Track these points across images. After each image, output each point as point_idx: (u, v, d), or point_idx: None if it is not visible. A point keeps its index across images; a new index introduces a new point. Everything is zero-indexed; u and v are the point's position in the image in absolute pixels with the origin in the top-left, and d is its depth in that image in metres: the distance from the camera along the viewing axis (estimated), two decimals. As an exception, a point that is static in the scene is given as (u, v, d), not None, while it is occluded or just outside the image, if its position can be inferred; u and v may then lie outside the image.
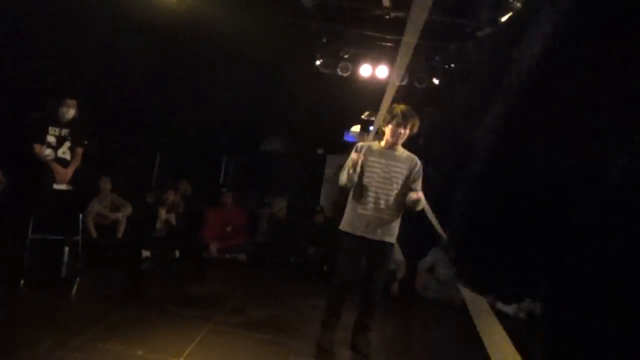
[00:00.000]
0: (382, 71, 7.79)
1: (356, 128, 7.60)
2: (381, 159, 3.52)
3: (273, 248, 6.23)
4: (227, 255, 5.90)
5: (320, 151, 7.63)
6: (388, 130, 3.52)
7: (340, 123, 7.85)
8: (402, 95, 7.69)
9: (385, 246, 3.51)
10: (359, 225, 3.47)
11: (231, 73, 6.62)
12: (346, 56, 7.48)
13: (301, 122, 7.88)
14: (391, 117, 3.50)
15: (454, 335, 4.66)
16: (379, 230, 3.45)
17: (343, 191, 3.75)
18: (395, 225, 3.53)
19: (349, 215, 3.57)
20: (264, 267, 5.96)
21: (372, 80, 7.86)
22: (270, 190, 6.94)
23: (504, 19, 5.05)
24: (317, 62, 7.66)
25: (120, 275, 4.85)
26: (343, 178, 3.50)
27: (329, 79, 7.70)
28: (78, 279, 4.43)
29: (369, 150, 3.57)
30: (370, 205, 3.47)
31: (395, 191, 3.47)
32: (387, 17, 6.91)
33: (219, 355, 3.11)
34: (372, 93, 7.82)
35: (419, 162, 3.56)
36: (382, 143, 3.59)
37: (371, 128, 7.38)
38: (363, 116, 7.62)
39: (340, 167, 4.03)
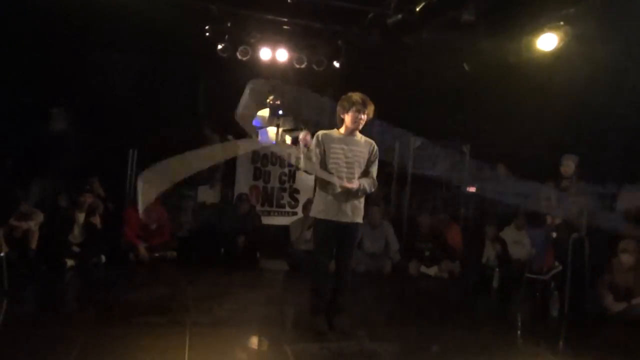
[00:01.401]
0: (281, 54, 7.84)
1: (264, 112, 7.57)
2: (343, 145, 3.70)
3: (200, 241, 6.05)
4: (156, 254, 5.61)
5: (230, 137, 7.47)
6: (348, 117, 3.69)
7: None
8: (300, 78, 7.92)
9: (357, 227, 3.73)
10: (331, 210, 3.62)
11: (131, 60, 6.16)
12: (253, 40, 7.37)
13: (207, 108, 7.64)
14: (350, 105, 3.68)
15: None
16: (349, 213, 3.64)
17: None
18: (362, 206, 3.75)
19: (319, 202, 3.70)
20: (195, 262, 5.78)
21: (273, 64, 7.89)
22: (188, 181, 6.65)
23: (418, 8, 5.45)
24: (218, 47, 7.45)
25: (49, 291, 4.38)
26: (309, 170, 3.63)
27: (232, 64, 7.54)
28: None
29: (330, 138, 3.72)
30: (339, 189, 3.63)
31: (359, 174, 3.68)
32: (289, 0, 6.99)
33: (220, 356, 3.07)
34: (274, 77, 7.90)
35: (376, 146, 3.81)
36: (342, 130, 3.76)
37: (280, 112, 7.42)
38: (268, 100, 7.61)
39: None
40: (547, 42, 6.20)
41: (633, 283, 4.94)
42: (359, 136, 3.76)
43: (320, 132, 3.78)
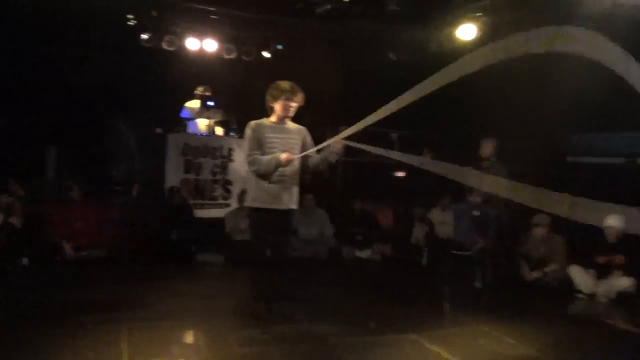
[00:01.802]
0: (210, 45, 7.70)
1: (193, 104, 7.42)
2: (277, 134, 3.74)
3: (131, 237, 5.86)
4: (83, 253, 5.37)
5: (159, 130, 7.26)
6: (278, 105, 3.74)
7: (174, 100, 7.55)
8: (228, 69, 7.84)
9: (292, 213, 3.81)
10: (267, 198, 3.66)
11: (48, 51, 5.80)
12: (179, 30, 7.18)
13: (131, 100, 7.35)
14: (279, 93, 3.73)
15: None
16: (285, 199, 3.70)
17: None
18: (297, 192, 3.82)
19: (255, 191, 3.71)
20: (126, 259, 5.58)
21: (201, 55, 7.75)
22: (118, 176, 6.42)
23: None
24: (142, 37, 7.20)
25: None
26: (261, 169, 3.61)
27: (158, 54, 7.32)
28: None
29: (263, 127, 3.75)
30: (275, 177, 3.67)
31: (295, 161, 3.75)
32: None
33: (161, 348, 3.04)
34: (202, 67, 7.75)
35: (307, 132, 3.89)
36: (273, 119, 3.80)
37: (210, 103, 7.31)
38: (197, 91, 7.47)
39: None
40: (467, 32, 6.57)
41: (545, 253, 5.43)
42: (290, 124, 3.82)
43: (253, 122, 3.79)
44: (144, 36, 7.16)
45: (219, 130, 7.67)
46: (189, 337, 3.33)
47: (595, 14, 5.03)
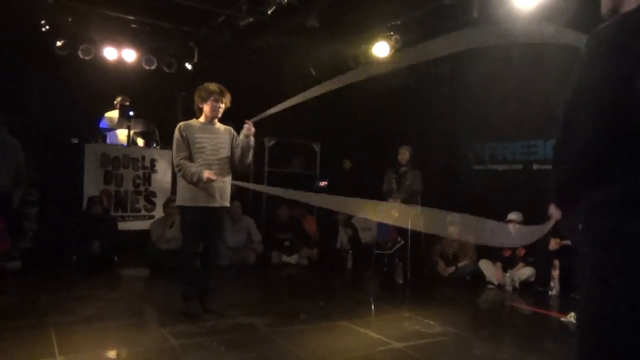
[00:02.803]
0: (129, 55, 7.59)
1: (112, 114, 7.22)
2: (205, 134, 3.83)
3: (48, 249, 5.56)
4: (-6, 267, 5.01)
5: (75, 140, 6.95)
6: (207, 107, 3.84)
7: (92, 109, 7.30)
8: (149, 79, 7.75)
9: (224, 210, 3.88)
10: (199, 196, 3.71)
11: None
12: (97, 38, 7.01)
13: (42, 109, 7.02)
14: (208, 94, 3.84)
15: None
16: (217, 197, 3.78)
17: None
18: (229, 190, 3.91)
19: (186, 190, 3.74)
20: (43, 272, 5.27)
21: (119, 65, 7.60)
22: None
23: (270, 11, 5.78)
24: (57, 44, 6.94)
25: None
26: (187, 177, 3.68)
27: (73, 62, 7.08)
28: None
29: (192, 128, 3.82)
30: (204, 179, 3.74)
31: (225, 159, 3.85)
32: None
33: (93, 347, 2.97)
34: (122, 77, 7.58)
35: (235, 133, 4.01)
36: (202, 119, 3.89)
37: (131, 113, 7.16)
38: (115, 102, 7.29)
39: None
40: (381, 49, 7.06)
41: (458, 250, 5.91)
42: (218, 124, 3.92)
43: (182, 123, 3.86)
44: (59, 43, 6.93)
45: (140, 142, 7.53)
46: (122, 334, 3.27)
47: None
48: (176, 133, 3.79)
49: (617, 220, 1.23)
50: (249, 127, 3.83)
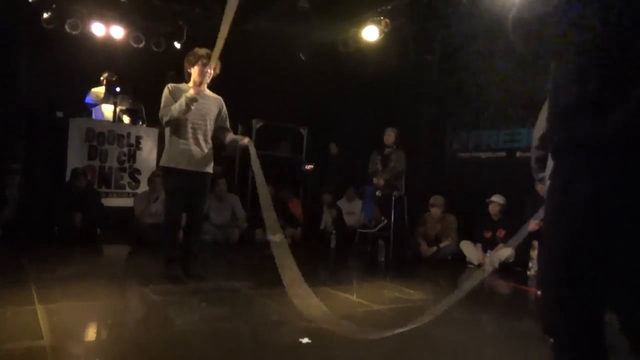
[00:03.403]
0: (117, 31, 7.55)
1: (99, 89, 7.17)
2: None
3: (29, 220, 5.50)
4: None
5: (59, 114, 6.88)
6: (195, 71, 3.83)
7: (78, 84, 7.24)
8: (137, 57, 7.70)
9: (207, 176, 3.87)
10: (182, 159, 3.71)
11: None
12: (84, 11, 6.95)
13: (28, 81, 6.93)
14: (196, 59, 3.84)
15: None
16: (200, 163, 3.78)
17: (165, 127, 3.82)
18: (212, 157, 3.91)
19: (171, 151, 3.74)
20: (24, 242, 5.22)
21: (107, 41, 7.55)
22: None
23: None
24: (43, 16, 6.87)
25: None
26: (174, 113, 3.62)
27: (60, 36, 7.02)
28: None
29: (180, 90, 3.81)
30: (191, 140, 3.75)
31: (210, 126, 3.86)
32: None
33: (74, 304, 2.97)
34: (109, 54, 7.53)
35: (223, 103, 4.01)
36: (190, 84, 3.89)
37: (117, 89, 7.11)
38: (102, 77, 7.24)
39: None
40: (370, 33, 7.11)
41: (440, 231, 5.98)
42: (207, 91, 3.91)
43: (170, 85, 3.85)
44: (45, 15, 6.85)
45: (126, 120, 7.47)
46: (104, 290, 3.26)
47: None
48: (165, 91, 3.79)
49: (581, 127, 1.27)
50: (248, 143, 3.82)
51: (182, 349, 2.34)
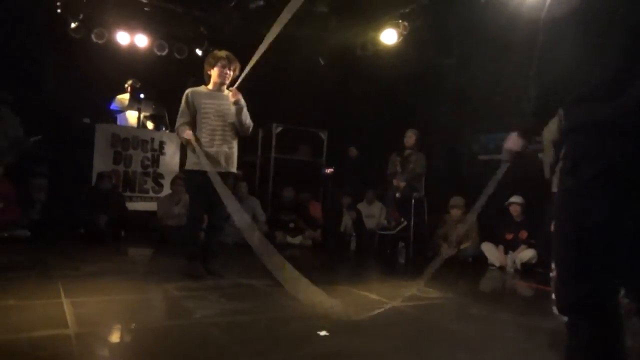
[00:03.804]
0: (141, 40, 7.75)
1: (124, 96, 7.36)
2: (212, 100, 3.92)
3: (56, 220, 5.67)
4: (5, 234, 5.11)
5: (86, 120, 7.10)
6: (214, 73, 3.93)
7: (103, 91, 7.45)
8: (160, 64, 7.88)
9: (230, 175, 3.95)
10: (203, 161, 3.79)
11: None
12: (111, 20, 7.16)
13: (55, 89, 7.17)
14: (215, 60, 3.93)
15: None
16: (223, 163, 3.86)
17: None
18: (235, 157, 3.99)
19: (192, 155, 3.84)
20: (51, 241, 5.37)
21: (132, 49, 7.76)
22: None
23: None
24: (71, 26, 7.10)
25: None
26: (179, 133, 3.91)
27: (86, 45, 7.25)
28: None
29: (199, 94, 3.92)
30: (210, 141, 3.84)
31: (230, 125, 3.93)
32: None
33: (101, 292, 3.06)
34: (132, 62, 7.73)
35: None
36: (210, 86, 3.98)
37: (141, 96, 7.29)
38: (126, 84, 7.43)
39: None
40: (389, 36, 7.13)
41: (461, 233, 5.93)
42: (226, 91, 4.00)
43: (189, 90, 3.96)
44: (73, 25, 7.08)
45: (150, 125, 7.64)
46: (127, 285, 3.35)
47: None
48: (183, 98, 3.92)
49: (590, 110, 1.28)
50: (233, 94, 3.84)
51: (201, 339, 2.39)
